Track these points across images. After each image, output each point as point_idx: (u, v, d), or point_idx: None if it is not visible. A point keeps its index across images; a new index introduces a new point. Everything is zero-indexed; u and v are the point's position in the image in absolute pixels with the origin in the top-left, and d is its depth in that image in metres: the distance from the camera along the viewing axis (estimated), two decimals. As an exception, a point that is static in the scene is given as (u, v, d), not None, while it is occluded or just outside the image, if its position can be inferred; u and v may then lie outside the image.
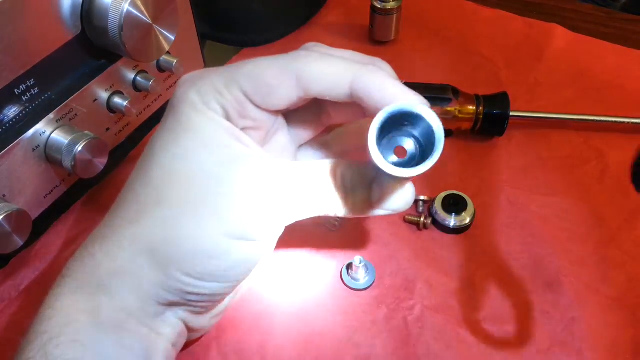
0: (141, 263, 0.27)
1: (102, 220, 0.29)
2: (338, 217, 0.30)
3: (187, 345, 0.34)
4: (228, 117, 0.29)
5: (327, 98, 0.28)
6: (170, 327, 0.29)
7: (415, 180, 0.28)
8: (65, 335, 0.26)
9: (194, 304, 0.29)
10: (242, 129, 0.30)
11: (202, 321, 0.31)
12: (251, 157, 0.28)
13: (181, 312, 0.30)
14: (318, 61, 0.28)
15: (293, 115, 0.33)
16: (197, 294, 0.28)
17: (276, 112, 0.31)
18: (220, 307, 0.32)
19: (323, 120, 0.33)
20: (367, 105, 0.28)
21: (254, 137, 0.30)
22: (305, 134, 0.34)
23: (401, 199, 0.29)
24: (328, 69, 0.28)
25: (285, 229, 0.29)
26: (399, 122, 0.26)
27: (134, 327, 0.28)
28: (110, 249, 0.28)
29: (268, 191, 0.27)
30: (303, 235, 0.40)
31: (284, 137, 0.33)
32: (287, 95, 0.28)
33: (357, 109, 0.30)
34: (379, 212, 0.29)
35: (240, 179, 0.27)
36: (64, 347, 0.26)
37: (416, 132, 0.26)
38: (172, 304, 0.29)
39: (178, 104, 0.28)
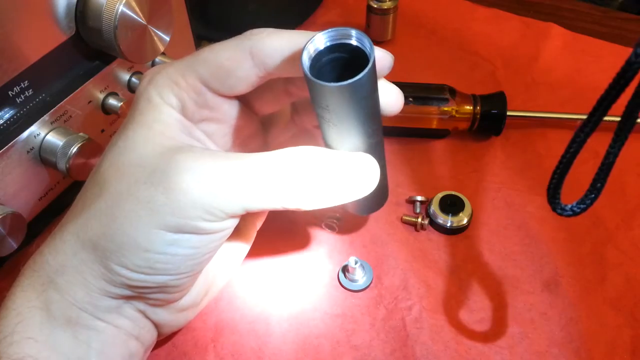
0: (83, 257, 0.27)
1: None
2: (306, 211, 0.28)
3: (177, 343, 0.34)
4: (185, 109, 0.28)
5: (286, 73, 0.27)
6: (130, 320, 0.29)
7: (411, 180, 0.28)
8: (18, 333, 0.26)
9: (146, 296, 0.28)
10: (204, 120, 0.29)
11: (164, 315, 0.30)
12: (194, 148, 0.27)
13: (139, 305, 0.29)
14: (271, 36, 0.27)
15: (259, 104, 0.32)
16: (144, 287, 0.27)
17: (237, 98, 0.30)
18: (186, 301, 0.31)
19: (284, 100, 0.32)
20: None
21: (216, 131, 0.30)
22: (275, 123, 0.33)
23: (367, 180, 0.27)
24: (280, 41, 0.27)
25: (281, 229, 0.29)
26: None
27: (88, 321, 0.28)
28: (55, 244, 0.28)
29: (208, 181, 0.25)
30: (300, 236, 0.40)
31: (254, 129, 0.32)
32: (245, 75, 0.27)
33: None
34: (340, 199, 0.27)
35: (175, 169, 0.25)
36: (17, 345, 0.26)
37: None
38: (124, 297, 0.28)
39: (136, 100, 0.29)
